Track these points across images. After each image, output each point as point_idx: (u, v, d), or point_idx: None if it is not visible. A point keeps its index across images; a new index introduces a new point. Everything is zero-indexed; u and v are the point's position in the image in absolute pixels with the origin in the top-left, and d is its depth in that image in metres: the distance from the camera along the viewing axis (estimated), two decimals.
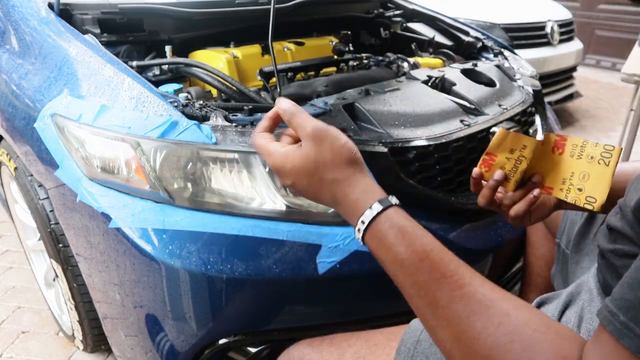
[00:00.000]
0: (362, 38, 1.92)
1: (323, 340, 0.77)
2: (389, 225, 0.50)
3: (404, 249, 0.48)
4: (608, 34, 5.26)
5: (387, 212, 0.50)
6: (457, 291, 0.45)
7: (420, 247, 0.48)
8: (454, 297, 0.44)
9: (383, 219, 0.50)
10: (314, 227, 0.89)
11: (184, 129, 0.90)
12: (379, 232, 0.50)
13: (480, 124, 1.10)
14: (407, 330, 0.70)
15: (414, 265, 0.47)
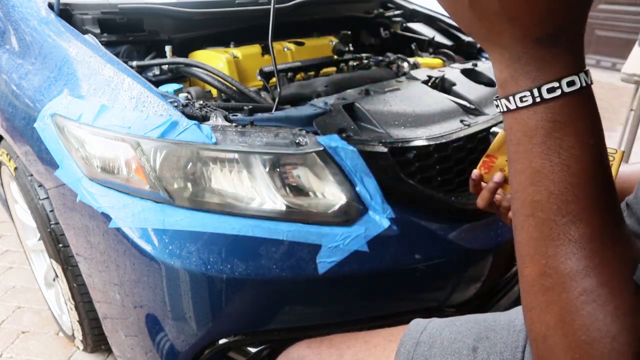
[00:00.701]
0: (362, 38, 1.92)
1: (322, 341, 0.77)
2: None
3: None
4: (608, 34, 5.26)
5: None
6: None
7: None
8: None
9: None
10: (314, 227, 0.89)
11: (184, 129, 0.90)
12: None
13: (480, 124, 1.10)
14: (407, 332, 0.70)
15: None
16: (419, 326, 0.70)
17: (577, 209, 0.35)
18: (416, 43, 1.75)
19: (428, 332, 0.67)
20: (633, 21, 4.99)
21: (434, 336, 0.66)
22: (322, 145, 0.91)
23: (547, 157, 0.35)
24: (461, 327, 0.67)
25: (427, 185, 1.00)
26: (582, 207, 0.35)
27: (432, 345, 0.65)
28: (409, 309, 1.01)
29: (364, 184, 0.92)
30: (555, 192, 0.35)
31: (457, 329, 0.66)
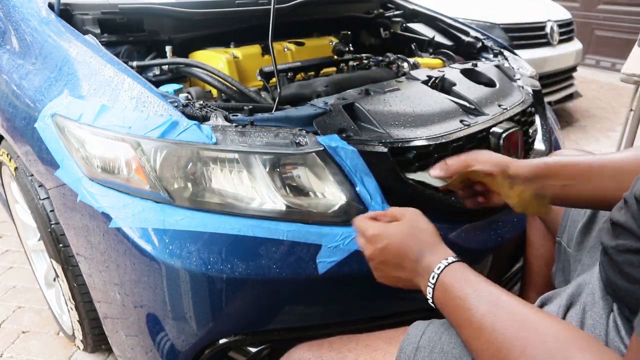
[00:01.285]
0: (362, 38, 1.92)
1: (322, 344, 0.77)
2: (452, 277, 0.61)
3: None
4: (608, 34, 5.26)
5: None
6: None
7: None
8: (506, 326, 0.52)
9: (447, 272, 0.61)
10: (314, 227, 0.89)
11: (184, 129, 0.90)
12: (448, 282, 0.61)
13: (480, 124, 1.10)
14: (406, 337, 0.69)
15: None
16: (418, 330, 0.69)
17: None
18: (416, 43, 1.75)
19: (427, 336, 0.67)
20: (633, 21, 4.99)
21: (434, 340, 0.66)
22: (322, 145, 0.91)
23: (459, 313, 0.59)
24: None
25: (427, 186, 1.00)
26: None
27: (432, 350, 0.65)
28: (409, 309, 1.01)
29: (364, 184, 0.93)
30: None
31: (456, 332, 0.66)
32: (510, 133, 1.10)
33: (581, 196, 0.74)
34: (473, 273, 0.60)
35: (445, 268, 0.62)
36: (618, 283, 0.57)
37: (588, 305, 0.64)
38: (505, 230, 1.09)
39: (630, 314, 0.56)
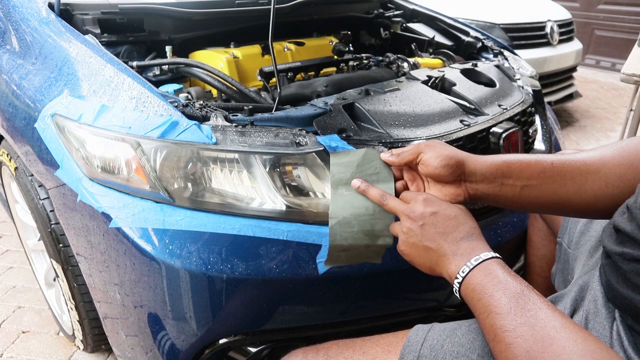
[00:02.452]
0: (362, 38, 1.93)
1: (318, 351, 0.75)
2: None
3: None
4: (607, 34, 5.26)
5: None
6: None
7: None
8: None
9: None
10: (314, 227, 0.89)
11: (184, 129, 0.90)
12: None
13: (480, 124, 1.10)
14: (406, 344, 0.68)
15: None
16: (419, 336, 0.68)
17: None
18: (416, 43, 1.75)
19: (429, 343, 0.66)
20: (633, 21, 4.99)
21: (436, 349, 0.65)
22: (322, 145, 0.91)
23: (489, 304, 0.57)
24: (463, 339, 0.65)
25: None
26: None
27: (434, 358, 0.64)
28: (409, 309, 1.01)
29: None
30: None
31: (459, 340, 0.65)
32: (510, 133, 1.10)
33: (541, 198, 0.69)
34: (512, 276, 0.58)
35: (487, 260, 0.60)
36: (621, 291, 0.56)
37: (591, 314, 0.62)
38: (505, 231, 1.09)
39: (633, 322, 0.56)
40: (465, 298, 0.60)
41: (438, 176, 0.70)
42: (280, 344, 0.95)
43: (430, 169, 0.70)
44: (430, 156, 0.69)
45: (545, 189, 0.68)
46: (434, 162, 0.69)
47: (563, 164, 0.68)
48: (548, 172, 0.68)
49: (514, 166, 0.69)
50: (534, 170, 0.68)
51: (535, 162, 0.69)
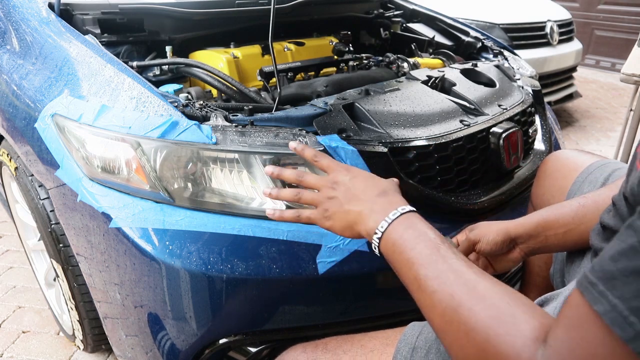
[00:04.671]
0: (362, 38, 1.93)
1: (317, 345, 0.76)
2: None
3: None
4: (607, 34, 5.26)
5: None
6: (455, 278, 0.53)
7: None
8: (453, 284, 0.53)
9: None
10: (314, 227, 0.89)
11: (184, 129, 0.90)
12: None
13: (480, 124, 1.10)
14: (402, 337, 0.69)
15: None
16: (414, 330, 0.69)
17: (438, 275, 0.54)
18: (416, 43, 1.75)
19: (424, 336, 0.67)
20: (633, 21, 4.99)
21: (430, 340, 0.66)
22: (322, 145, 0.91)
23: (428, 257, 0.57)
24: None
25: (427, 185, 1.00)
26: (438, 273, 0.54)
27: (428, 350, 0.65)
28: (409, 309, 1.01)
29: None
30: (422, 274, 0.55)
31: None
32: (510, 133, 1.10)
33: (583, 235, 0.75)
34: (430, 228, 0.60)
35: (405, 213, 0.61)
36: None
37: None
38: None
39: None
40: (386, 253, 0.61)
41: (496, 252, 0.81)
42: (280, 344, 0.95)
43: (487, 250, 0.81)
44: (482, 244, 0.81)
45: (584, 227, 0.76)
46: (487, 248, 0.80)
47: (593, 200, 0.78)
48: (580, 213, 0.77)
49: (550, 218, 0.79)
50: (567, 217, 0.78)
51: (568, 209, 0.79)
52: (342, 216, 0.67)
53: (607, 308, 0.36)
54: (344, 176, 0.69)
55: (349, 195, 0.67)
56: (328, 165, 0.73)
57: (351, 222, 0.66)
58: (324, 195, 0.69)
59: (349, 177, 0.69)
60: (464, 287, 0.51)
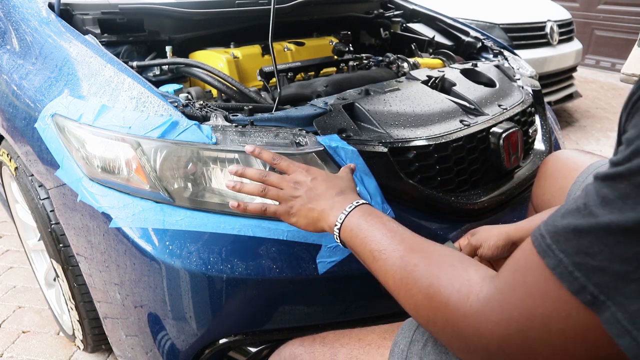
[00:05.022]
0: (362, 38, 1.93)
1: (314, 339, 0.76)
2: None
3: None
4: (607, 34, 5.26)
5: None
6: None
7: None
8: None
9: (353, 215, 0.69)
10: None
11: (184, 129, 0.90)
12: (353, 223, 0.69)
13: (480, 124, 1.10)
14: (400, 331, 0.69)
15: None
16: (412, 324, 0.69)
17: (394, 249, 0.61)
18: (416, 43, 1.75)
19: (421, 329, 0.67)
20: (633, 21, 4.99)
21: (427, 334, 0.66)
22: (322, 145, 0.91)
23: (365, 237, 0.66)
24: None
25: (427, 185, 1.00)
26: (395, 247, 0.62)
27: (425, 343, 0.65)
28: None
29: (364, 184, 0.93)
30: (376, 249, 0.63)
31: None
32: (510, 133, 1.10)
33: None
34: (382, 215, 0.69)
35: (359, 206, 0.70)
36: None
37: None
38: None
39: None
40: (345, 240, 0.69)
41: (498, 256, 0.83)
42: (280, 344, 0.95)
43: (489, 254, 0.82)
44: (483, 249, 0.83)
45: None
46: (489, 252, 0.82)
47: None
48: None
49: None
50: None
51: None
52: (306, 213, 0.74)
53: (554, 262, 0.40)
54: (305, 177, 0.76)
55: (310, 195, 0.74)
56: (288, 167, 0.79)
57: (315, 219, 0.74)
58: (287, 193, 0.76)
59: (309, 178, 0.76)
60: (409, 249, 0.59)
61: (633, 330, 0.36)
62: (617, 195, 0.38)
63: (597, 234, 0.38)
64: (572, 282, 0.39)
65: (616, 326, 0.37)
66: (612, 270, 0.37)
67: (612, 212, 0.37)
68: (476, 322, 0.48)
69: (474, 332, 0.48)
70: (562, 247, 0.40)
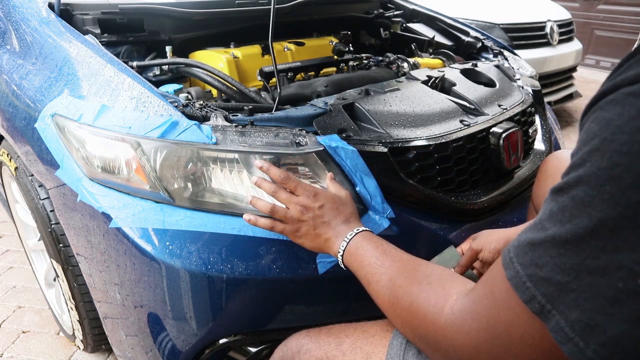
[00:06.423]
0: (362, 38, 1.93)
1: (320, 330, 0.78)
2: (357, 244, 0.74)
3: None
4: (607, 34, 5.26)
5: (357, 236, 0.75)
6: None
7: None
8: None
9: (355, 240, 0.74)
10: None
11: (184, 129, 0.90)
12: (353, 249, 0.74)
13: (480, 124, 1.10)
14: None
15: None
16: None
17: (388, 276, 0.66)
18: (416, 43, 1.75)
19: None
20: (633, 21, 4.99)
21: None
22: (322, 145, 0.91)
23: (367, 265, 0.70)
24: None
25: (427, 185, 1.00)
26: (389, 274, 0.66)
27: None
28: None
29: (364, 184, 0.93)
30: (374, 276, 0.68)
31: None
32: (510, 133, 1.10)
33: None
34: (379, 240, 0.73)
35: (359, 233, 0.75)
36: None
37: None
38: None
39: None
40: (347, 264, 0.74)
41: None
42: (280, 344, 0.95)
43: (490, 258, 0.83)
44: (484, 253, 0.84)
45: None
46: (490, 256, 0.83)
47: None
48: None
49: None
50: None
51: None
52: (312, 238, 0.79)
53: (512, 273, 0.43)
54: (312, 203, 0.79)
55: (317, 222, 0.78)
56: (295, 188, 0.81)
57: (321, 245, 0.78)
58: (294, 216, 0.79)
59: (317, 205, 0.79)
60: (397, 271, 0.64)
61: (574, 337, 0.38)
62: (559, 208, 0.40)
63: (545, 247, 0.40)
64: (525, 291, 0.41)
65: (560, 333, 0.39)
66: (555, 281, 0.39)
67: (555, 224, 0.40)
68: (449, 332, 0.51)
69: (449, 343, 0.51)
70: (520, 259, 0.42)
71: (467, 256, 0.86)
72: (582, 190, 0.38)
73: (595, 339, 0.37)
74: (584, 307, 0.37)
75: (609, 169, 0.36)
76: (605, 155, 0.37)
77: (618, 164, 0.36)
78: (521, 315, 0.42)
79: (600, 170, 0.37)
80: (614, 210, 0.36)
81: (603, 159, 0.37)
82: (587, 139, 0.39)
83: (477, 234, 0.89)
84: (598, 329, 0.37)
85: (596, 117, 0.39)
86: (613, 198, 0.36)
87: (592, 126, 0.39)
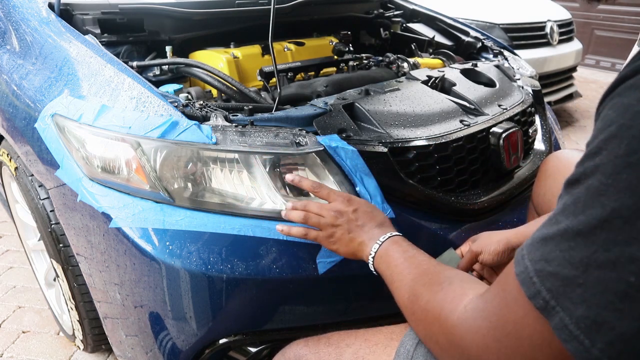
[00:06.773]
0: (362, 38, 1.92)
1: (319, 339, 0.76)
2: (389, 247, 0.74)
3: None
4: (607, 34, 5.26)
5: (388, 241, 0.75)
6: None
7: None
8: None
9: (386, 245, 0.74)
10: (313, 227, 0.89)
11: (184, 129, 0.90)
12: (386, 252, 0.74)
13: (480, 124, 1.10)
14: (408, 332, 0.69)
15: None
16: None
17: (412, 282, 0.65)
18: (416, 43, 1.75)
19: None
20: (633, 21, 4.99)
21: None
22: (322, 145, 0.91)
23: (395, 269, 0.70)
24: None
25: (427, 185, 1.00)
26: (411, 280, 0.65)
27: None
28: None
29: (364, 184, 0.93)
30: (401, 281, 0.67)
31: None
32: (510, 133, 1.10)
33: None
34: (409, 244, 0.73)
35: (391, 237, 0.75)
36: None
37: None
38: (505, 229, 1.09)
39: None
40: (377, 268, 0.73)
41: (498, 262, 0.83)
42: (280, 344, 0.95)
43: (490, 260, 0.83)
44: (484, 255, 0.84)
45: None
46: (489, 258, 0.83)
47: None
48: None
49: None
50: None
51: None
52: (347, 242, 0.78)
53: (521, 269, 0.41)
54: (346, 207, 0.79)
55: (352, 226, 0.78)
56: (328, 195, 0.82)
57: (354, 249, 0.78)
58: (328, 221, 0.79)
59: (351, 209, 0.79)
60: (420, 273, 0.64)
61: (580, 334, 0.36)
62: (572, 201, 0.38)
63: (557, 241, 0.39)
64: (530, 287, 0.40)
65: (564, 331, 0.37)
66: (562, 275, 0.37)
67: (568, 217, 0.38)
68: (460, 330, 0.50)
69: (459, 340, 0.50)
70: (531, 255, 0.41)
71: (467, 258, 0.86)
72: (597, 179, 0.36)
73: (603, 337, 0.35)
74: (590, 302, 0.35)
75: (626, 156, 0.34)
76: (623, 142, 0.35)
77: (636, 151, 0.34)
78: (529, 313, 0.40)
79: (617, 157, 0.35)
80: (630, 199, 0.34)
81: (620, 146, 0.35)
82: (603, 127, 0.37)
83: (476, 236, 0.88)
84: (606, 326, 0.35)
85: (614, 104, 0.37)
86: (629, 186, 0.34)
87: (609, 113, 0.37)
